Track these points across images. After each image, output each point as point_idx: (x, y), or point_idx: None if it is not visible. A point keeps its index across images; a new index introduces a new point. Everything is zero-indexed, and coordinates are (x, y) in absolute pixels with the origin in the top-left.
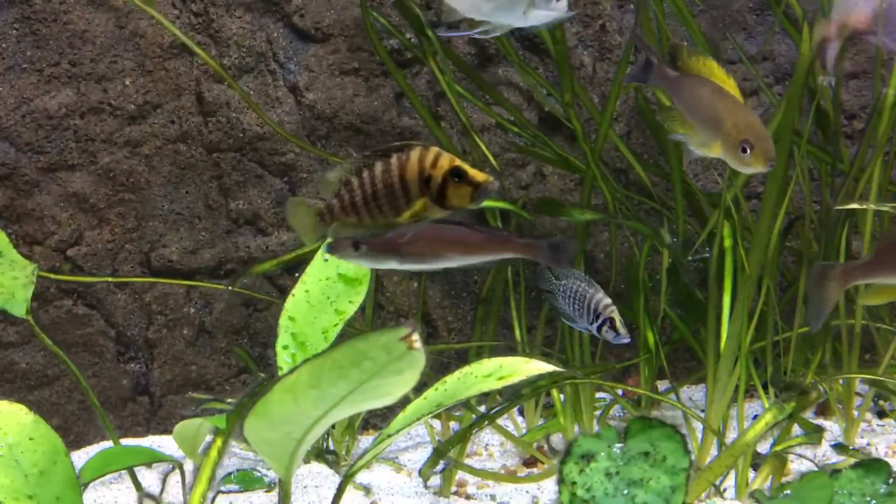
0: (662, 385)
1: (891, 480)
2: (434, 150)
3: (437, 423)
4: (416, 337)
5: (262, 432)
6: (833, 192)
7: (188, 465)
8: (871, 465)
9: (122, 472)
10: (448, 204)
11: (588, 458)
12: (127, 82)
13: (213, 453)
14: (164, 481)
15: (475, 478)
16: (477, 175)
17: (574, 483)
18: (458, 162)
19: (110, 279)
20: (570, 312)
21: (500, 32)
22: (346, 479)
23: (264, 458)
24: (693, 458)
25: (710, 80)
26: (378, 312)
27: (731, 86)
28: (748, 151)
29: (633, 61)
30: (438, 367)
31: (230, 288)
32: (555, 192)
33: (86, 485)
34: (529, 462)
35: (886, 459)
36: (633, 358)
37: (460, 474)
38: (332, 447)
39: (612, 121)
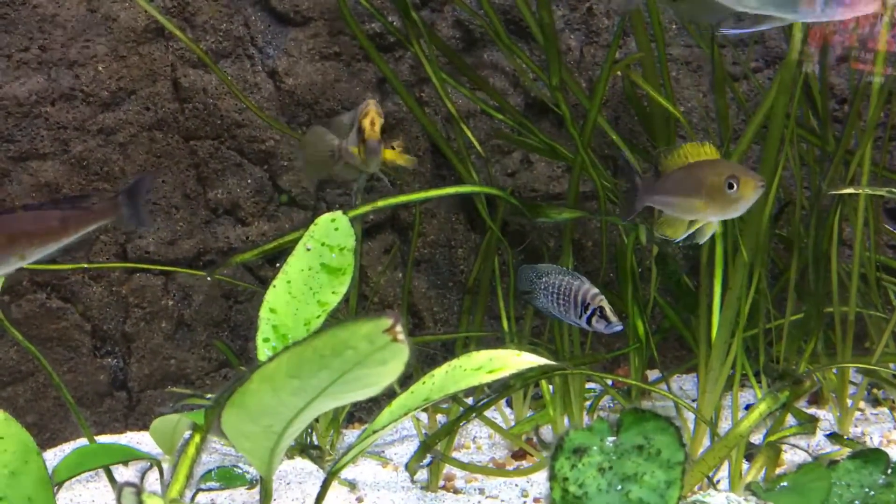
0: (653, 374)
1: (889, 471)
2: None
3: (423, 416)
4: (399, 328)
5: (240, 425)
6: (823, 178)
7: (167, 463)
8: (868, 456)
9: (99, 469)
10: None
11: (580, 452)
12: (100, 68)
13: (191, 450)
14: (141, 479)
15: (463, 471)
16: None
17: (566, 479)
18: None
19: (86, 265)
20: (553, 310)
21: (785, 23)
22: (331, 475)
23: (244, 454)
24: (687, 450)
25: (684, 164)
26: (362, 303)
27: (706, 151)
28: (735, 186)
29: (622, 45)
30: (424, 359)
31: (209, 277)
32: (542, 180)
33: (60, 484)
34: (518, 454)
35: (882, 449)
36: (623, 347)
37: (448, 468)
38: (316, 442)
39: (601, 106)
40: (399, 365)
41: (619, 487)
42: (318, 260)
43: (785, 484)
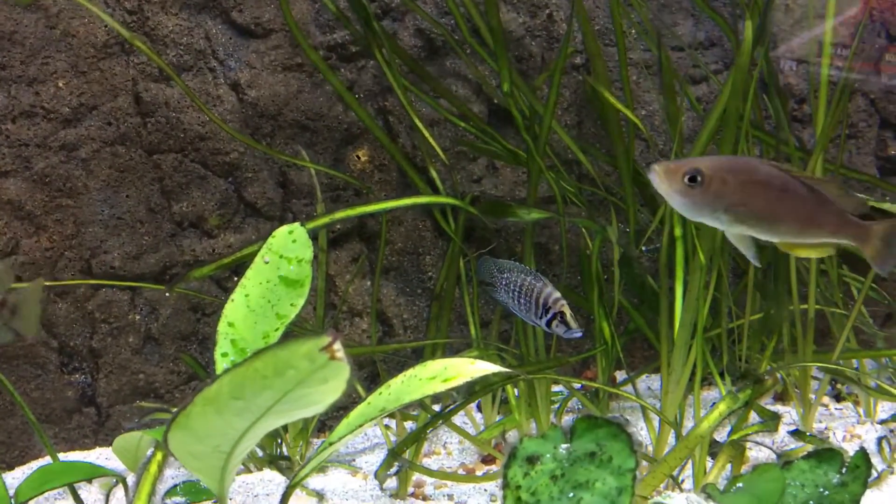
0: (622, 375)
1: (843, 470)
2: None
3: (393, 424)
4: (338, 346)
5: (188, 446)
6: None
7: (132, 479)
8: (823, 455)
9: (66, 487)
10: None
11: (533, 460)
12: (60, 84)
13: (153, 468)
14: (107, 496)
15: (433, 478)
16: None
17: (519, 487)
18: None
19: (49, 283)
20: (514, 307)
21: None
22: (290, 488)
23: (195, 474)
24: (651, 451)
25: None
26: (331, 312)
27: None
28: None
29: (582, 49)
30: (395, 366)
31: (167, 293)
32: (507, 185)
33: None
34: (488, 459)
35: (841, 447)
36: (591, 349)
37: (417, 474)
38: (285, 453)
39: (554, 110)
40: (341, 383)
41: (571, 494)
42: (276, 272)
43: (740, 485)
